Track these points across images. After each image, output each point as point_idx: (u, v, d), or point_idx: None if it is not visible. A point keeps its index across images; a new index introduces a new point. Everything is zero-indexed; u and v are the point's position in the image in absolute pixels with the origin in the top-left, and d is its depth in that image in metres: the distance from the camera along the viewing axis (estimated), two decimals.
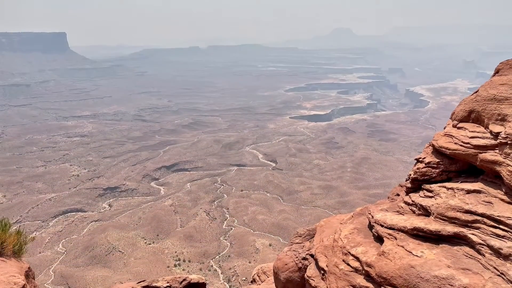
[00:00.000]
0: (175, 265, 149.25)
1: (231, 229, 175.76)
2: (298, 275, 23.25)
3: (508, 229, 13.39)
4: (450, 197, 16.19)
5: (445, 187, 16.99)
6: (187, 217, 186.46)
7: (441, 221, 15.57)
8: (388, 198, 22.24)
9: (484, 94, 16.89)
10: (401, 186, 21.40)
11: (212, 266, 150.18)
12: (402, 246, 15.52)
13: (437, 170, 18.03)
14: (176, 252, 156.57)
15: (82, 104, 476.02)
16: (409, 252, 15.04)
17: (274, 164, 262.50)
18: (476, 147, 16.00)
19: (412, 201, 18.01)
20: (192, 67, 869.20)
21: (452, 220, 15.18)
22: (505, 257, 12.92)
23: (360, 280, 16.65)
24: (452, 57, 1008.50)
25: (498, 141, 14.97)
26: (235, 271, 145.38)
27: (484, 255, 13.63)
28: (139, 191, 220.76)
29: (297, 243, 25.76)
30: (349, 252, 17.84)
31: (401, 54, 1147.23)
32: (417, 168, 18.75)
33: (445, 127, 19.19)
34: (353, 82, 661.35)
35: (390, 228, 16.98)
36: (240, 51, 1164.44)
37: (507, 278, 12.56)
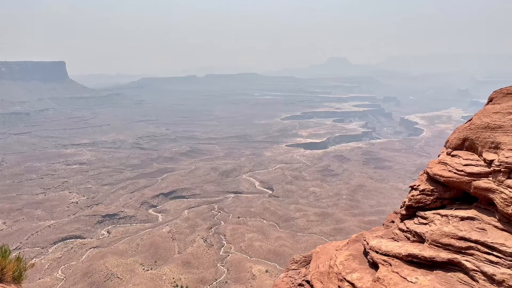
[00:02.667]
0: None
1: (228, 255, 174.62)
2: None
3: (502, 256, 13.53)
4: (444, 224, 16.38)
5: (439, 214, 17.20)
6: (185, 243, 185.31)
7: (435, 247, 15.72)
8: (383, 225, 22.42)
9: (477, 122, 17.28)
10: (396, 213, 21.60)
11: None
12: (397, 272, 15.63)
13: (432, 197, 18.26)
14: (173, 278, 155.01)
15: (81, 132, 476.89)
16: (404, 278, 15.14)
17: (270, 192, 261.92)
18: (470, 174, 16.28)
19: (407, 227, 18.20)
20: (189, 95, 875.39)
21: (446, 247, 15.33)
22: (499, 283, 13.05)
23: None
24: (446, 86, 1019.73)
25: (491, 168, 15.27)
26: None
27: (477, 281, 13.76)
28: (137, 218, 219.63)
29: (293, 269, 25.76)
30: (344, 278, 17.91)
31: (396, 83, 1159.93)
32: (412, 196, 18.99)
33: (439, 155, 19.51)
34: (349, 111, 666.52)
35: (385, 255, 17.11)
36: (237, 80, 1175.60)
37: None
